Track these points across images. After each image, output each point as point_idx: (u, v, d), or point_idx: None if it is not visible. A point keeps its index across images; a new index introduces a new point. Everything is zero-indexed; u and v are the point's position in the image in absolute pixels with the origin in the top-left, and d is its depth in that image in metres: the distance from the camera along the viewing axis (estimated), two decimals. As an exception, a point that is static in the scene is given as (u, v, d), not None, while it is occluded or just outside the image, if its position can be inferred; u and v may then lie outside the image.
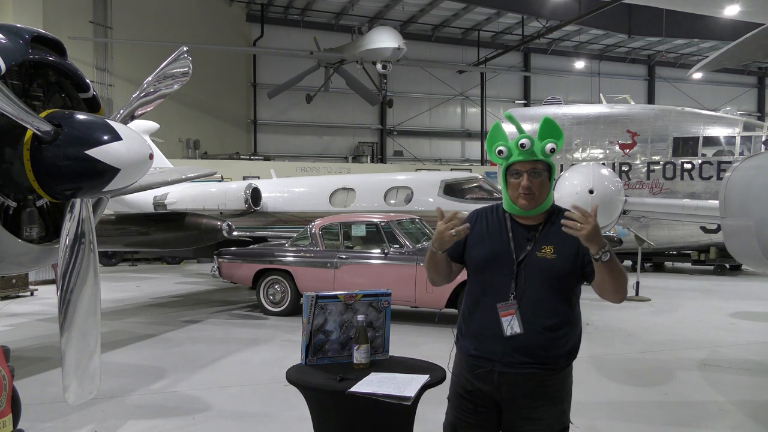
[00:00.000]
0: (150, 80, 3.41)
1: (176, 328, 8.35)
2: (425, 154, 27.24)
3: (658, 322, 8.97)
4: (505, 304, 2.45)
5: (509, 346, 2.44)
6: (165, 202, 12.32)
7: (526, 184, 2.46)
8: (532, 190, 2.46)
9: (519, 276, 2.46)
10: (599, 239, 2.30)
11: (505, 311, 2.45)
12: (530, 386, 2.45)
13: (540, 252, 2.47)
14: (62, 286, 3.02)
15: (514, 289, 2.46)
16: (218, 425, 4.72)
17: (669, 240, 14.44)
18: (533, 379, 2.44)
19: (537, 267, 2.46)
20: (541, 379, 2.45)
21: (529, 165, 2.47)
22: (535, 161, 2.47)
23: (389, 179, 12.11)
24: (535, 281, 2.45)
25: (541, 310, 2.44)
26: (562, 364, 2.49)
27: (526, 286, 2.45)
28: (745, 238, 4.47)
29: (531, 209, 2.49)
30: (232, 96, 24.74)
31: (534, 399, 2.45)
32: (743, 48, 4.82)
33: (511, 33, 26.83)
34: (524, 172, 2.47)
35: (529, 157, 2.46)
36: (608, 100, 17.10)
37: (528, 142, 2.44)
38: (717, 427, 4.88)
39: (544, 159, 2.47)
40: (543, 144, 2.46)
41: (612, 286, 2.39)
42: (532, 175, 2.47)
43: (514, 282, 2.46)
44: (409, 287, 7.98)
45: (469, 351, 2.55)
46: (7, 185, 3.07)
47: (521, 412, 2.46)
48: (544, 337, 2.44)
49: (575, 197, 6.29)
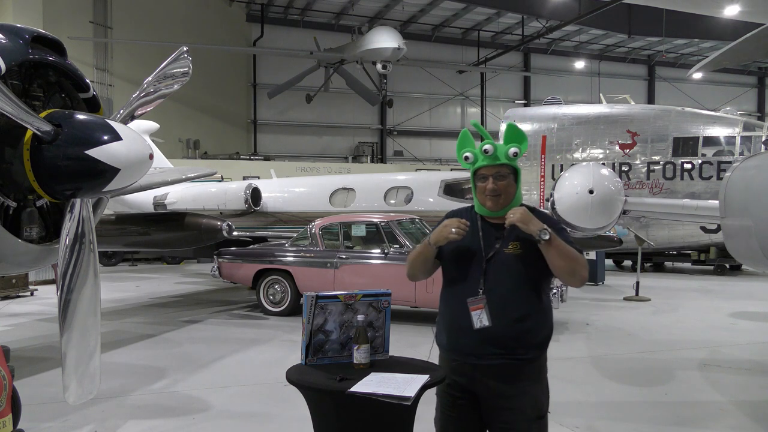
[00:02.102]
0: (150, 80, 3.41)
1: (176, 328, 8.35)
2: (425, 154, 27.25)
3: (658, 322, 8.97)
4: (474, 299, 2.60)
5: (479, 338, 2.58)
6: (165, 202, 12.32)
7: (492, 187, 2.62)
8: (497, 192, 2.62)
9: (488, 272, 2.61)
10: (533, 222, 2.50)
11: (474, 305, 2.59)
12: (502, 376, 2.57)
13: (507, 248, 2.61)
14: (62, 286, 3.02)
15: (483, 285, 2.60)
16: (218, 425, 4.72)
17: (669, 240, 14.44)
18: (505, 369, 2.57)
19: (505, 263, 2.61)
20: (513, 369, 2.57)
21: (493, 169, 2.63)
22: (499, 165, 2.62)
23: (389, 179, 12.12)
24: (503, 276, 2.60)
25: (510, 303, 2.58)
26: (533, 354, 2.60)
27: (494, 282, 2.60)
28: (745, 238, 4.47)
29: (498, 210, 2.64)
30: (232, 96, 24.74)
31: (507, 388, 2.57)
32: (743, 48, 4.82)
33: (511, 33, 26.84)
34: (489, 176, 2.63)
35: (493, 161, 2.62)
36: (608, 100, 17.09)
37: (491, 147, 2.61)
38: (717, 427, 4.88)
39: (508, 162, 2.62)
40: (506, 148, 2.61)
41: (562, 268, 2.53)
42: (497, 179, 2.62)
43: (483, 278, 2.61)
44: (409, 287, 7.96)
45: (444, 345, 2.73)
46: (7, 185, 3.07)
47: (496, 402, 2.59)
48: (513, 328, 2.57)
49: (575, 197, 6.28)
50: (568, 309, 9.27)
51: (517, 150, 2.60)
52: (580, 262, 2.56)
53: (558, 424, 4.56)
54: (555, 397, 2.88)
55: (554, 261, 2.52)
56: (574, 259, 2.54)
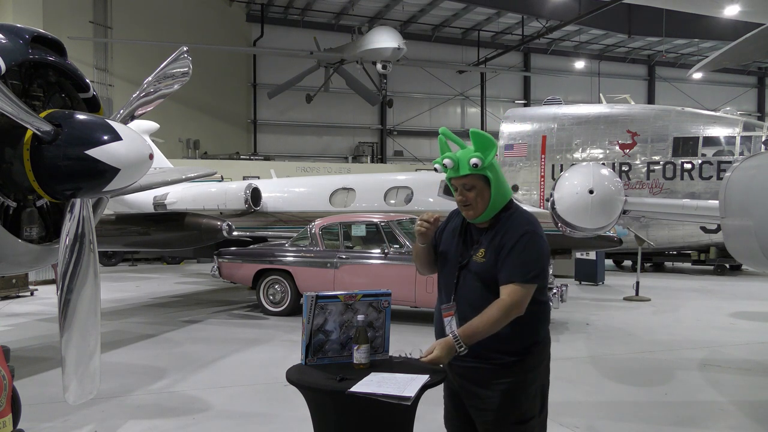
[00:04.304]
0: (150, 80, 3.41)
1: (176, 328, 8.35)
2: (425, 154, 27.22)
3: (658, 322, 8.98)
4: (447, 306, 2.66)
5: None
6: (165, 202, 12.32)
7: (460, 198, 2.64)
8: (467, 203, 2.62)
9: (459, 279, 2.65)
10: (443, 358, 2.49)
11: (447, 312, 2.65)
12: (475, 378, 2.62)
13: (475, 256, 2.63)
14: (62, 286, 3.02)
15: (454, 291, 2.65)
16: (218, 425, 4.72)
17: (669, 240, 14.44)
18: (477, 372, 2.61)
19: (472, 270, 2.62)
20: (485, 372, 2.59)
21: (459, 180, 2.63)
22: (463, 176, 2.60)
23: (389, 179, 12.12)
24: (471, 284, 2.62)
25: (477, 311, 2.54)
26: (509, 360, 2.58)
27: (464, 288, 2.63)
28: (745, 238, 4.47)
29: (474, 218, 2.65)
30: (232, 96, 24.74)
31: (481, 390, 2.61)
32: (743, 48, 4.82)
33: (511, 33, 26.83)
34: (458, 187, 2.64)
35: (456, 173, 2.61)
36: (608, 100, 17.10)
37: (449, 161, 2.59)
38: (717, 427, 4.88)
39: (472, 173, 2.57)
40: (467, 158, 2.57)
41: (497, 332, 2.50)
42: (465, 189, 2.62)
43: (456, 284, 2.65)
44: (409, 287, 7.97)
45: None
46: (7, 185, 3.07)
47: (472, 401, 2.65)
48: None
49: (575, 197, 6.27)
50: (568, 309, 9.27)
51: (478, 160, 2.54)
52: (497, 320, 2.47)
53: (558, 424, 4.56)
54: (555, 397, 2.88)
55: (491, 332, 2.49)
56: (493, 324, 2.46)
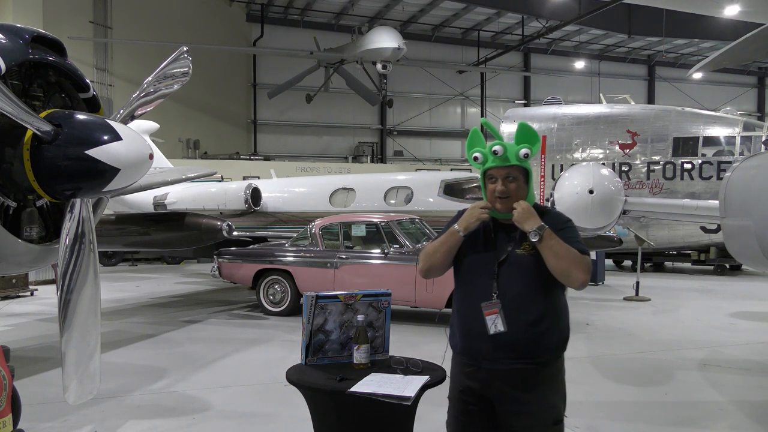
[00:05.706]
0: (150, 80, 3.41)
1: (176, 328, 8.35)
2: (425, 154, 27.23)
3: (658, 322, 8.97)
4: (489, 303, 2.52)
5: (494, 343, 2.50)
6: (165, 202, 12.31)
7: (501, 188, 2.55)
8: (506, 194, 2.55)
9: (500, 275, 2.54)
10: (529, 222, 2.45)
11: (489, 310, 2.51)
12: (518, 381, 2.50)
13: (519, 250, 2.54)
14: (62, 286, 3.02)
15: (497, 288, 2.53)
16: (218, 425, 4.72)
17: (669, 240, 14.44)
18: (520, 374, 2.50)
19: (517, 265, 2.54)
20: (528, 373, 2.51)
21: (503, 170, 2.55)
22: (509, 167, 2.55)
23: (389, 179, 12.11)
24: (515, 279, 2.53)
25: (523, 306, 2.50)
26: (548, 357, 2.55)
27: (507, 285, 2.53)
28: (745, 238, 4.47)
29: (508, 212, 2.55)
30: (232, 96, 24.74)
31: (523, 393, 2.50)
32: (743, 48, 4.82)
33: (511, 33, 26.81)
34: (499, 178, 2.56)
35: (503, 162, 2.55)
36: (608, 100, 17.09)
37: (500, 148, 2.52)
38: (717, 427, 4.88)
39: (518, 164, 2.55)
40: (517, 149, 2.53)
41: (554, 268, 2.46)
42: (507, 180, 2.55)
43: (496, 281, 2.53)
44: (409, 287, 7.97)
45: (458, 350, 2.64)
46: (7, 185, 3.07)
47: (512, 406, 2.52)
48: (528, 332, 2.50)
49: (575, 197, 6.29)
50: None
51: (528, 151, 2.53)
52: (576, 264, 2.45)
53: (558, 424, 4.55)
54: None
55: (548, 261, 2.46)
56: (570, 261, 2.44)
